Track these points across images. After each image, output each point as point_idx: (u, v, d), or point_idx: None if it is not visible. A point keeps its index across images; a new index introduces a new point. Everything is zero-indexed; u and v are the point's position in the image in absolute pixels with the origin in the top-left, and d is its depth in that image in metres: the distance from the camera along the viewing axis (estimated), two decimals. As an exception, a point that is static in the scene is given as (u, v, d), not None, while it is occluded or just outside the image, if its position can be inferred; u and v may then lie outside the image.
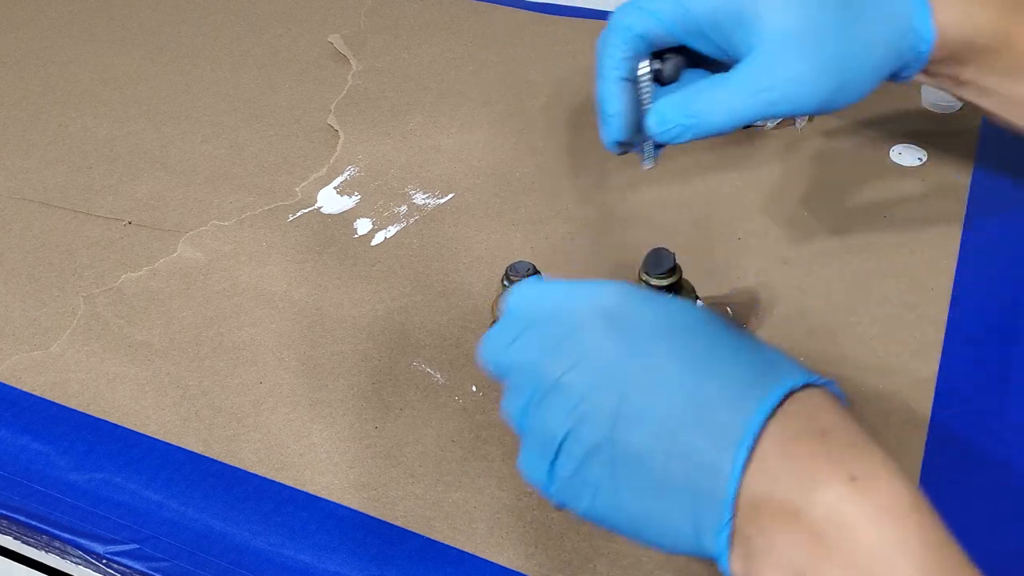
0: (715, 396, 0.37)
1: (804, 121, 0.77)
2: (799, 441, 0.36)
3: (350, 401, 0.59)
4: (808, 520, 0.35)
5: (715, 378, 0.38)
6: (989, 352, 0.59)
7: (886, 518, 0.34)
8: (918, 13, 0.51)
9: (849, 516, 0.34)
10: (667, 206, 0.71)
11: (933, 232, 0.67)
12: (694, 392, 0.37)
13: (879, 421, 0.55)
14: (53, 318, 0.66)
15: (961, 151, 0.72)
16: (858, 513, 0.34)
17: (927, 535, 0.34)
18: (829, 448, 0.36)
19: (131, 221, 0.73)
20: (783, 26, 0.49)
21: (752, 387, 0.37)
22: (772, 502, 0.36)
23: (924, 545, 0.34)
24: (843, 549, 0.34)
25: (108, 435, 0.58)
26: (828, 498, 0.35)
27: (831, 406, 0.38)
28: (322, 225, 0.71)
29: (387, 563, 0.51)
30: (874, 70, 0.52)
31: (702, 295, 0.63)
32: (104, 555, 0.53)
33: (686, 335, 0.39)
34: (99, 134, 0.82)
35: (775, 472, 0.36)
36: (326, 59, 0.89)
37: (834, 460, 0.35)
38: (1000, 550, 0.49)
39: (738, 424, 0.36)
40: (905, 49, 0.52)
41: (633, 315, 0.40)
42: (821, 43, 0.50)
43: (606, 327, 0.40)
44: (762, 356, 0.39)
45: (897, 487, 0.35)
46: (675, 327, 0.39)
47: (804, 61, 0.50)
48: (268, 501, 0.54)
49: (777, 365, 0.39)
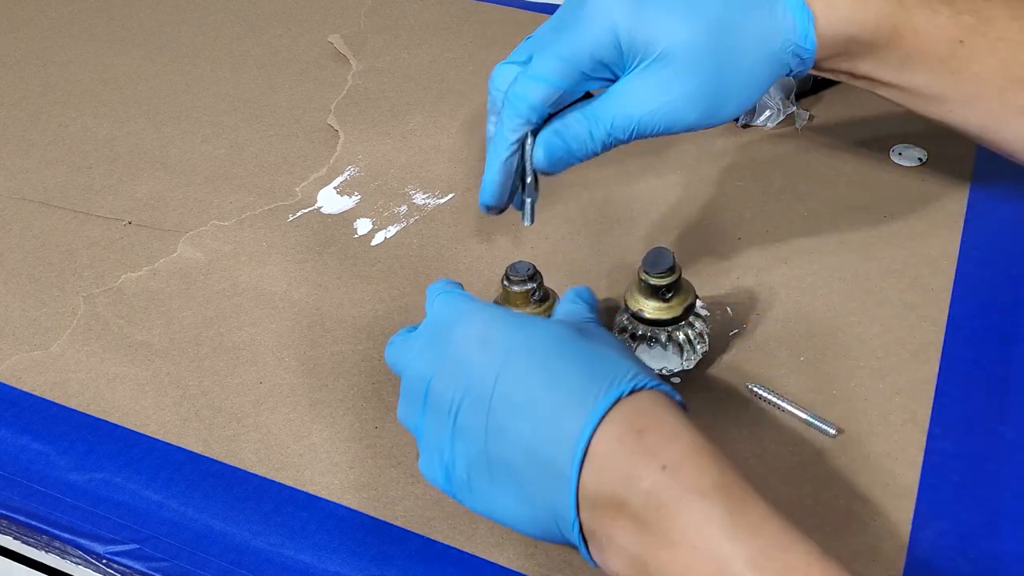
0: (559, 409, 0.42)
1: (804, 121, 0.77)
2: (621, 441, 0.41)
3: (350, 401, 0.59)
4: (632, 510, 0.40)
5: (559, 392, 0.43)
6: (989, 352, 0.59)
7: (693, 496, 0.39)
8: (799, 24, 0.52)
9: (663, 501, 0.40)
10: (667, 206, 0.71)
11: (933, 232, 0.67)
12: (542, 406, 0.43)
13: (879, 421, 0.55)
14: (53, 318, 0.66)
15: (961, 151, 0.73)
16: (669, 497, 0.40)
17: (730, 503, 0.39)
18: (645, 444, 0.41)
19: (131, 221, 0.73)
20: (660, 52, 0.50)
21: (587, 397, 0.42)
22: (603, 498, 0.41)
23: (728, 511, 0.39)
24: (663, 529, 0.39)
25: (108, 435, 0.58)
26: (644, 488, 0.40)
27: (652, 406, 0.43)
28: (322, 225, 0.71)
29: (387, 563, 0.51)
30: (754, 86, 0.52)
31: (702, 295, 0.63)
32: (104, 555, 0.53)
33: (539, 353, 0.44)
34: (99, 134, 0.82)
35: (603, 471, 0.41)
36: (326, 59, 0.89)
37: (649, 454, 0.41)
38: (1000, 550, 0.49)
39: (573, 433, 0.42)
40: (789, 58, 0.52)
41: (497, 336, 0.45)
42: (697, 68, 0.50)
43: (479, 348, 0.45)
44: (602, 366, 0.44)
45: (702, 468, 0.40)
46: (532, 346, 0.44)
47: (681, 86, 0.51)
48: (268, 501, 0.54)
49: (613, 374, 0.43)
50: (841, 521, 0.51)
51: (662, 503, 0.40)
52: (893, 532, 0.50)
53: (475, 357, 0.45)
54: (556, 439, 0.42)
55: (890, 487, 0.52)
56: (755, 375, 0.58)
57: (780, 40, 0.52)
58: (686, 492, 0.39)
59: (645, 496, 0.40)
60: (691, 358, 0.57)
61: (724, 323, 0.61)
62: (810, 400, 0.56)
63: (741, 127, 0.77)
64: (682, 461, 0.40)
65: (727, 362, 0.59)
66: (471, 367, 0.45)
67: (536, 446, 0.42)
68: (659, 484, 0.40)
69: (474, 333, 0.46)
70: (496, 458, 0.44)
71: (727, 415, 0.56)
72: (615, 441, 0.41)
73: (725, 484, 0.40)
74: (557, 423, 0.42)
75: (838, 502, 0.52)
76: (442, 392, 0.45)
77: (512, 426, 0.43)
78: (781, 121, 0.77)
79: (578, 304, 0.52)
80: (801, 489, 0.52)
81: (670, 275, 0.54)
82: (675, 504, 0.39)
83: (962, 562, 0.49)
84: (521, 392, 0.43)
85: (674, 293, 0.55)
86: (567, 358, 0.44)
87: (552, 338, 0.45)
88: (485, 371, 0.44)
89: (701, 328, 0.57)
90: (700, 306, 0.57)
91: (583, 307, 0.51)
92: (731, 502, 0.39)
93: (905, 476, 0.53)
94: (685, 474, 0.40)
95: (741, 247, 0.67)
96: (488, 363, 0.44)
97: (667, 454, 0.40)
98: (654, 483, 0.40)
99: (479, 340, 0.45)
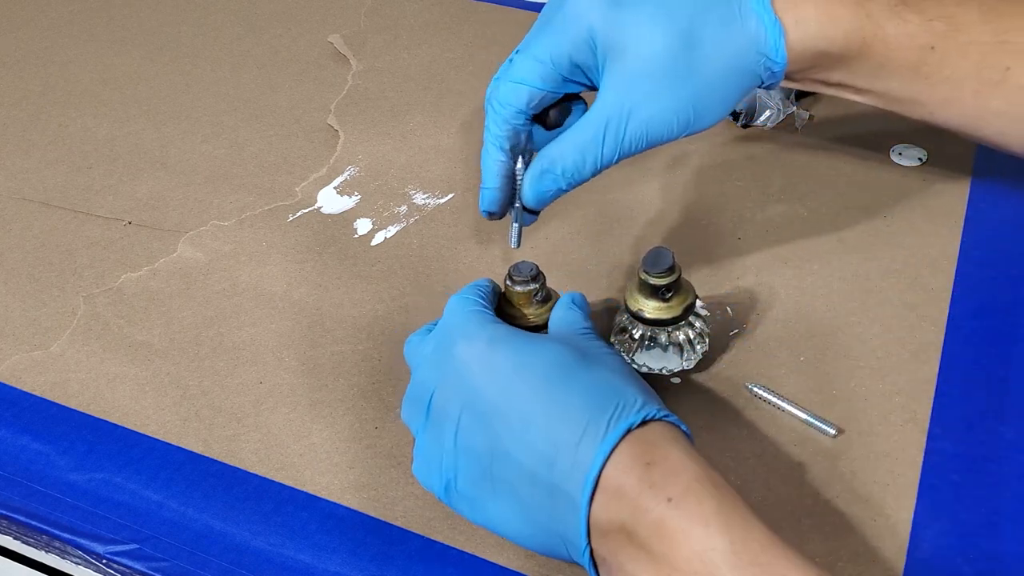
0: (568, 437, 0.43)
1: (804, 121, 0.77)
2: (629, 474, 0.42)
3: (350, 401, 0.59)
4: (639, 540, 0.42)
5: (566, 421, 0.44)
6: (989, 352, 0.59)
7: (696, 526, 0.41)
8: (771, 37, 0.52)
9: (668, 531, 0.41)
10: (667, 206, 0.71)
11: (933, 232, 0.67)
12: (549, 433, 0.44)
13: (879, 421, 0.55)
14: (53, 318, 0.66)
15: (961, 151, 0.72)
16: (674, 528, 0.41)
17: (732, 533, 0.40)
18: (652, 477, 0.42)
19: (131, 221, 0.73)
20: (632, 70, 0.51)
21: (597, 427, 0.43)
22: (613, 527, 0.43)
23: (729, 541, 0.40)
24: (668, 558, 0.41)
25: (108, 435, 0.58)
26: (651, 519, 0.41)
27: (660, 438, 0.44)
28: (322, 225, 0.71)
29: (387, 563, 0.51)
30: (725, 101, 0.53)
31: (702, 295, 0.63)
32: (104, 555, 0.53)
33: (542, 378, 0.45)
34: (99, 134, 0.82)
35: (613, 502, 0.42)
36: (326, 59, 0.89)
37: (656, 487, 0.42)
38: (1000, 550, 0.49)
39: (585, 464, 0.43)
40: (760, 69, 0.53)
41: (499, 358, 0.46)
42: (669, 74, 0.51)
43: (480, 367, 0.46)
44: (609, 395, 0.45)
45: (704, 499, 0.41)
46: (535, 370, 0.45)
47: (655, 103, 0.51)
48: (268, 501, 0.54)
49: (621, 403, 0.44)
50: (841, 521, 0.51)
51: (667, 534, 0.41)
52: (893, 532, 0.50)
53: (477, 376, 0.46)
54: (566, 469, 0.43)
55: (890, 487, 0.52)
56: (755, 375, 0.58)
57: (752, 53, 0.52)
58: (690, 523, 0.41)
59: (652, 527, 0.41)
60: (691, 358, 0.57)
61: (724, 323, 0.61)
62: (810, 400, 0.56)
63: (741, 127, 0.77)
64: (686, 494, 0.41)
65: (727, 362, 0.59)
66: (473, 385, 0.46)
67: (544, 474, 0.44)
68: (665, 516, 0.41)
69: (475, 351, 0.47)
70: (500, 480, 0.45)
71: (727, 415, 0.56)
72: (625, 473, 0.43)
73: (726, 513, 0.41)
74: (567, 452, 0.43)
75: (838, 502, 0.52)
76: (444, 405, 0.47)
77: (516, 451, 0.44)
78: (781, 121, 0.77)
79: (573, 311, 0.52)
80: (801, 489, 0.52)
81: (670, 275, 0.54)
82: (680, 535, 0.41)
83: (962, 562, 0.49)
84: (525, 418, 0.44)
85: (674, 293, 0.55)
86: (572, 384, 0.45)
87: (555, 364, 0.46)
88: (486, 391, 0.45)
89: (701, 328, 0.57)
90: (700, 306, 0.57)
91: (578, 314, 0.52)
92: (732, 531, 0.40)
93: (905, 476, 0.53)
94: (689, 506, 0.41)
95: (741, 247, 0.67)
96: (489, 384, 0.46)
97: (673, 487, 0.42)
98: (660, 515, 0.41)
99: (480, 359, 0.46)
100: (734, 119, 0.77)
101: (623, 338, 0.57)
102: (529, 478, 0.44)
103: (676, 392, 0.58)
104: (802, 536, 0.50)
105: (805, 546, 0.50)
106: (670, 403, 0.57)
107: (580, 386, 0.45)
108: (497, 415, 0.45)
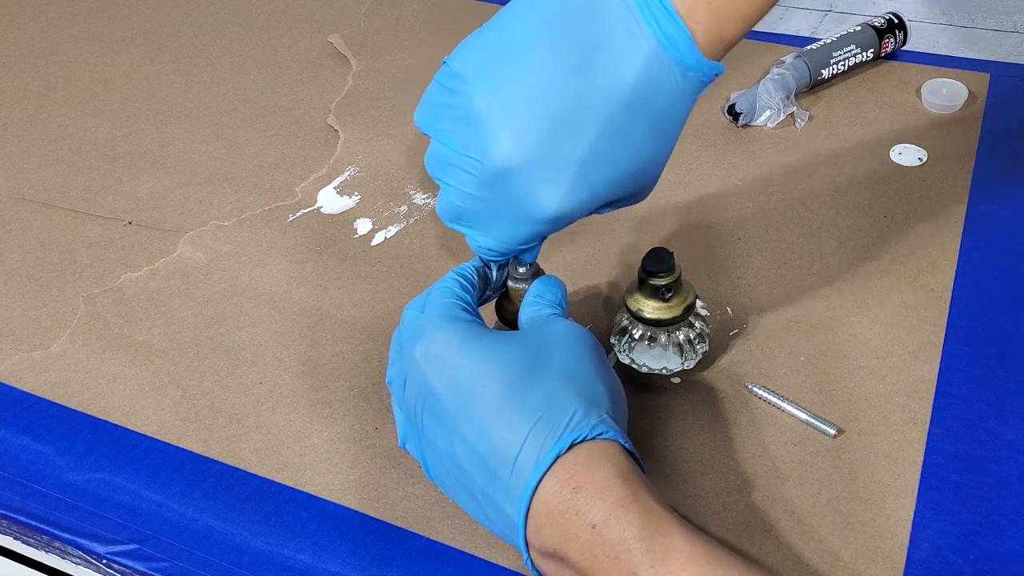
0: (505, 458, 0.45)
1: (804, 121, 0.77)
2: (558, 500, 0.44)
3: (350, 402, 0.59)
4: (573, 563, 0.43)
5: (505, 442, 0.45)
6: (989, 352, 0.59)
7: (621, 553, 0.42)
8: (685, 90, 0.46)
9: (595, 557, 0.42)
10: (667, 206, 0.71)
11: (933, 232, 0.67)
12: (492, 451, 0.45)
13: (879, 421, 0.55)
14: (53, 318, 0.66)
15: (961, 151, 0.73)
16: (600, 553, 0.42)
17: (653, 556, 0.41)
18: (578, 503, 0.43)
19: (131, 221, 0.73)
20: None
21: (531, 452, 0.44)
22: (547, 550, 0.44)
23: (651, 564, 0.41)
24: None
25: (108, 435, 0.58)
26: (579, 544, 0.43)
27: (591, 459, 0.44)
28: (322, 225, 0.71)
29: (387, 563, 0.51)
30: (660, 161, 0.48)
31: (702, 295, 0.63)
32: (104, 555, 0.53)
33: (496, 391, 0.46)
34: (99, 134, 0.82)
35: (544, 527, 0.44)
36: (326, 59, 0.89)
37: (581, 513, 0.43)
38: (1000, 550, 0.49)
39: (518, 491, 0.44)
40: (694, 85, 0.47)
41: (453, 366, 0.47)
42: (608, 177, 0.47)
43: (434, 371, 0.47)
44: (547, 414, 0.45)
45: (627, 525, 0.42)
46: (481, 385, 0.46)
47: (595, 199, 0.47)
48: (268, 501, 0.54)
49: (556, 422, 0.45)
50: (841, 521, 0.51)
51: (595, 559, 0.42)
52: (893, 532, 0.50)
53: (433, 381, 0.47)
54: (504, 490, 0.45)
55: (890, 487, 0.52)
56: (755, 375, 0.58)
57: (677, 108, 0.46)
58: (614, 549, 0.42)
59: (581, 553, 0.43)
60: (691, 358, 0.57)
61: (724, 323, 0.61)
62: (810, 400, 0.56)
63: (741, 127, 0.77)
64: (609, 520, 0.43)
65: (727, 362, 0.59)
66: (431, 389, 0.47)
67: (489, 489, 0.45)
68: (591, 542, 0.43)
69: (433, 354, 0.48)
70: (460, 480, 0.47)
71: (727, 415, 0.56)
72: (554, 500, 0.44)
73: (648, 538, 0.42)
74: (504, 474, 0.45)
75: (838, 502, 0.52)
76: (411, 400, 0.49)
77: (467, 462, 0.46)
78: (781, 121, 0.77)
79: (539, 306, 0.52)
80: (801, 489, 0.52)
81: (670, 275, 0.54)
82: (605, 560, 0.42)
83: (962, 562, 0.49)
84: (473, 430, 0.46)
85: (674, 293, 0.55)
86: (514, 400, 0.46)
87: (502, 376, 0.46)
88: (443, 397, 0.47)
89: (701, 328, 0.57)
90: (700, 306, 0.57)
91: (543, 307, 0.51)
92: (654, 555, 0.42)
93: (905, 476, 0.53)
94: (611, 533, 0.42)
95: (741, 247, 0.67)
96: (444, 391, 0.47)
97: (597, 511, 0.43)
98: (587, 540, 0.43)
99: (436, 365, 0.47)
100: (734, 119, 0.77)
101: (623, 338, 0.57)
102: (480, 488, 0.46)
103: (676, 392, 0.58)
104: (802, 536, 0.50)
105: (805, 546, 0.50)
106: (670, 403, 0.57)
107: (523, 403, 0.45)
108: (452, 422, 0.46)
